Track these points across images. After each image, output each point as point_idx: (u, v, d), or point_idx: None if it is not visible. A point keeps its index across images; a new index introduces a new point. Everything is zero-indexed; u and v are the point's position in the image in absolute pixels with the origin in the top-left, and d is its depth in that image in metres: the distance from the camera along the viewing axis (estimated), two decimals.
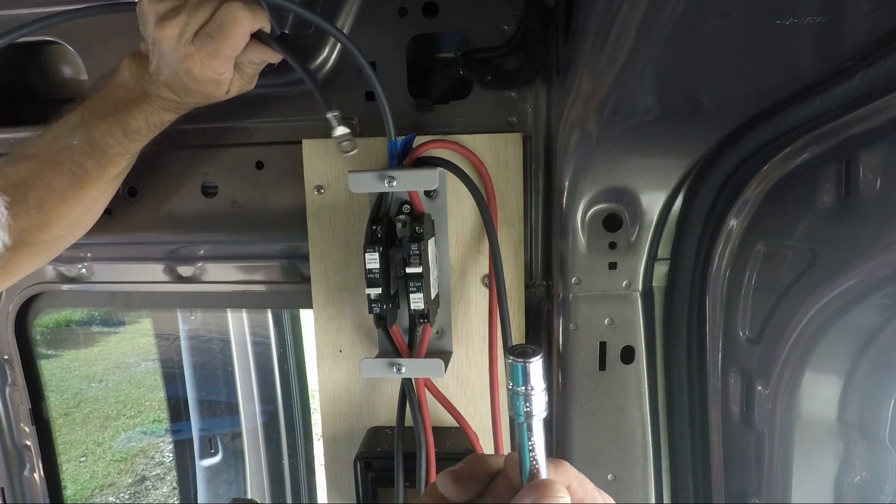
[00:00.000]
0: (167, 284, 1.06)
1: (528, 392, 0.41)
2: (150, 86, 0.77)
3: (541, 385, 0.41)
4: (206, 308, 1.73)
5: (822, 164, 0.68)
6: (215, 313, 1.78)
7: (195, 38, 0.70)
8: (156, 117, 0.80)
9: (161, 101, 0.78)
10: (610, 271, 0.82)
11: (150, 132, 0.81)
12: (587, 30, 0.58)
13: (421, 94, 0.90)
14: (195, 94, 0.76)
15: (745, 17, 0.46)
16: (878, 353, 0.71)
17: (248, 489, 1.82)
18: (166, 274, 1.06)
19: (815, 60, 0.55)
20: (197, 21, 0.69)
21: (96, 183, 0.81)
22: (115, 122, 0.78)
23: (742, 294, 0.78)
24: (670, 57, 0.53)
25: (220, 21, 0.69)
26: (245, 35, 0.71)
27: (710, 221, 0.79)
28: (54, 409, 1.25)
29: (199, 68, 0.72)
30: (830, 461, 0.76)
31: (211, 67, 0.72)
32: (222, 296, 1.05)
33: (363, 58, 0.77)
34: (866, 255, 0.63)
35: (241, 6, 0.69)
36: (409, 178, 0.80)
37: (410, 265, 0.78)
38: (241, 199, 0.98)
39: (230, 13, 0.69)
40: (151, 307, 1.30)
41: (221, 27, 0.69)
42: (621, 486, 0.86)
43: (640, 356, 0.84)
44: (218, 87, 0.76)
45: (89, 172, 0.79)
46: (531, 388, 0.41)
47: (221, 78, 0.75)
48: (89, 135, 0.78)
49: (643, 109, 0.64)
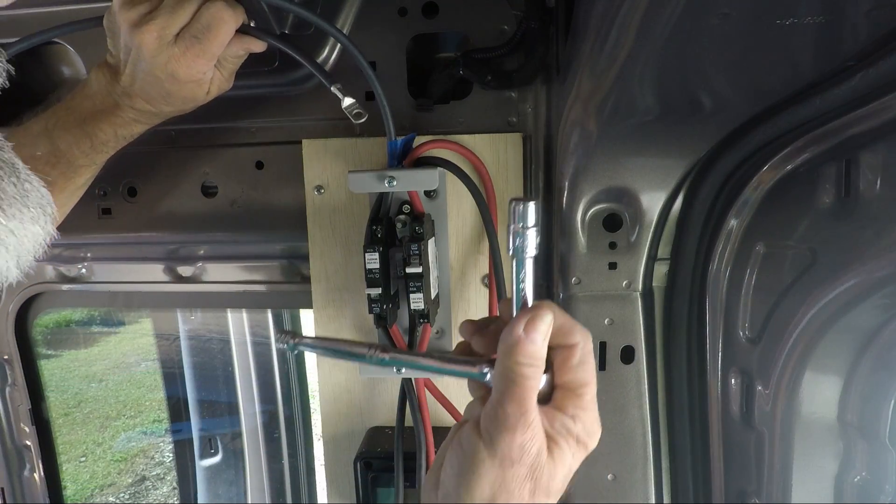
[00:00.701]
0: (167, 284, 1.06)
1: (522, 229, 0.47)
2: (121, 98, 0.75)
3: (532, 223, 0.47)
4: (206, 308, 1.73)
5: (822, 164, 0.68)
6: (215, 313, 1.78)
7: (178, 40, 0.70)
8: (126, 129, 0.78)
9: (133, 113, 0.77)
10: (610, 271, 0.82)
11: (119, 144, 0.80)
12: (587, 30, 0.58)
13: (421, 94, 0.90)
14: (175, 99, 0.75)
15: (745, 17, 0.46)
16: (878, 353, 0.71)
17: (248, 489, 1.82)
18: (166, 274, 1.06)
19: (815, 60, 0.55)
20: (177, 23, 0.69)
21: (60, 193, 0.79)
22: (83, 134, 0.76)
23: (742, 294, 0.78)
24: (670, 57, 0.52)
25: (205, 22, 0.69)
26: (231, 32, 0.72)
27: (710, 221, 0.79)
28: (54, 409, 1.25)
29: (185, 69, 0.71)
30: (830, 461, 0.76)
31: (197, 67, 0.72)
32: (222, 296, 1.05)
33: (363, 58, 0.77)
34: (866, 255, 0.63)
35: (223, 6, 0.70)
36: (409, 178, 0.80)
37: (410, 265, 0.78)
38: (241, 199, 0.98)
39: (216, 14, 0.69)
40: (151, 307, 1.30)
41: (209, 27, 0.69)
42: (621, 486, 0.86)
43: (640, 356, 0.84)
44: (199, 88, 0.76)
45: (53, 183, 0.76)
46: (524, 225, 0.47)
47: (204, 77, 0.74)
48: (54, 146, 0.76)
49: (643, 109, 0.64)
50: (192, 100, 0.77)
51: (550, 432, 0.47)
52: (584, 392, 0.48)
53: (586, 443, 0.49)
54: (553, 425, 0.47)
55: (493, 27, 0.85)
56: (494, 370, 0.48)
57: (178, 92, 0.74)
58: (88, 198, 1.01)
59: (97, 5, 0.88)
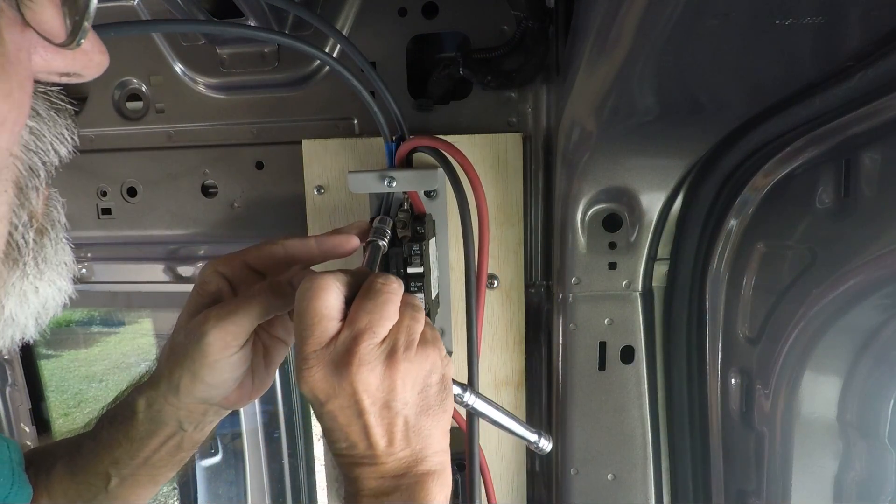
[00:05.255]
0: (167, 284, 1.06)
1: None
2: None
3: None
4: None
5: (822, 164, 0.68)
6: None
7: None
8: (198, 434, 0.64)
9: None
10: (610, 271, 0.82)
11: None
12: (587, 30, 0.58)
13: (421, 94, 0.90)
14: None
15: (745, 17, 0.46)
16: (877, 353, 0.71)
17: (248, 489, 1.82)
18: (166, 274, 1.06)
19: (814, 60, 0.55)
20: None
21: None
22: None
23: (742, 294, 0.78)
24: (670, 57, 0.52)
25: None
26: None
27: (710, 221, 0.79)
28: (54, 409, 1.26)
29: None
30: (830, 461, 0.76)
31: None
32: None
33: (364, 58, 0.77)
34: (865, 255, 0.63)
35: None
36: (409, 178, 0.80)
37: (411, 265, 0.78)
38: (240, 199, 0.98)
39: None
40: (151, 307, 1.30)
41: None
42: (621, 486, 0.86)
43: (640, 356, 0.84)
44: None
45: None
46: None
47: None
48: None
49: (643, 109, 0.64)
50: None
51: None
52: None
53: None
54: None
55: (493, 27, 0.85)
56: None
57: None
58: (88, 198, 1.02)
59: None
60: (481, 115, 0.89)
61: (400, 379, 0.50)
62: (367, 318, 0.50)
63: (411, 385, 0.51)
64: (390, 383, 0.49)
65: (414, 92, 0.89)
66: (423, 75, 0.90)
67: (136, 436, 0.59)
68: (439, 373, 0.53)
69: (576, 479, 0.86)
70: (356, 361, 0.48)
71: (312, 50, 0.71)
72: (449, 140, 0.77)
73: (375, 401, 0.49)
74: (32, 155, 0.36)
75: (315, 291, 0.50)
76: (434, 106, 0.89)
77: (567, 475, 0.87)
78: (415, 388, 0.51)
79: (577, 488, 0.87)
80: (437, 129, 0.89)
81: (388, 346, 0.50)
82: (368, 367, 0.49)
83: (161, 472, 0.62)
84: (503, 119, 0.88)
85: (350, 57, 0.77)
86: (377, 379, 0.49)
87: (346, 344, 0.49)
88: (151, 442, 0.59)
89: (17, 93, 0.31)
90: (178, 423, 0.59)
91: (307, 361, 0.49)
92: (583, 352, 0.84)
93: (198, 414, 0.60)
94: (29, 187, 0.36)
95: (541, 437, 0.66)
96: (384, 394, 0.50)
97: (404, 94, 0.89)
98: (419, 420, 0.52)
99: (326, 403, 0.49)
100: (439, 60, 0.91)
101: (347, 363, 0.48)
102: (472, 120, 0.89)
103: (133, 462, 0.60)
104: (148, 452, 0.60)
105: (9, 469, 0.57)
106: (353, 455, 0.51)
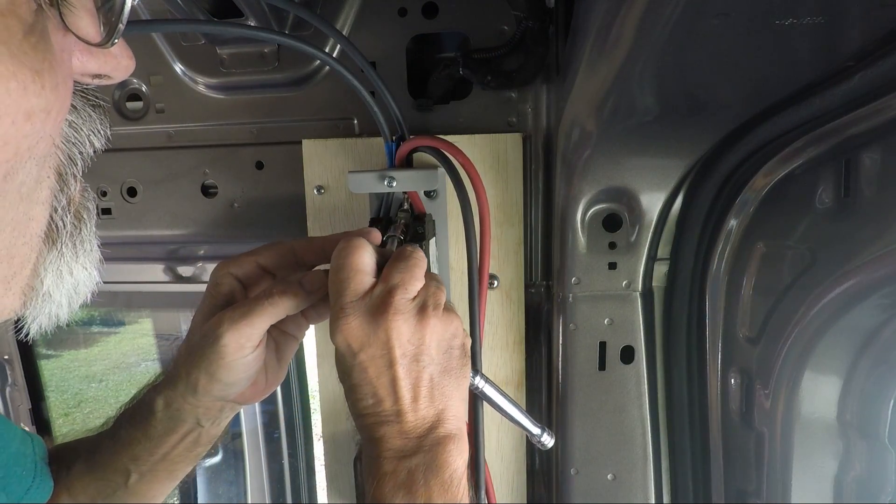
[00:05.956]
0: (167, 284, 1.06)
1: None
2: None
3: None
4: None
5: (822, 164, 0.68)
6: None
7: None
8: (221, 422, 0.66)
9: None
10: (610, 271, 0.82)
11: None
12: (587, 30, 0.58)
13: (421, 94, 0.90)
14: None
15: (745, 17, 0.46)
16: (877, 353, 0.71)
17: (248, 489, 1.82)
18: (166, 274, 1.06)
19: (814, 60, 0.55)
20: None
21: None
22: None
23: (742, 294, 0.78)
24: (670, 57, 0.53)
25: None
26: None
27: (710, 221, 0.79)
28: (54, 409, 1.26)
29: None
30: (830, 461, 0.76)
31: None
32: None
33: (364, 58, 0.77)
34: (865, 255, 0.63)
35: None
36: (410, 178, 0.80)
37: None
38: (241, 199, 0.98)
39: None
40: (151, 307, 1.30)
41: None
42: (621, 486, 0.86)
43: (640, 356, 0.84)
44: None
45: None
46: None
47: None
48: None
49: (643, 109, 0.64)
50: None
51: None
52: None
53: None
54: None
55: (493, 27, 0.85)
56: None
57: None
58: None
59: None
60: (481, 115, 0.89)
61: (429, 334, 0.54)
62: (399, 276, 0.54)
63: (437, 343, 0.55)
64: (420, 336, 0.53)
65: (414, 92, 0.89)
66: (423, 75, 0.90)
67: (155, 433, 0.61)
68: (461, 339, 0.57)
69: (576, 478, 0.86)
70: (392, 310, 0.52)
71: (312, 50, 0.71)
72: (449, 140, 0.77)
73: (406, 352, 0.53)
74: (71, 146, 0.39)
75: (352, 249, 0.55)
76: (434, 106, 0.89)
77: (567, 475, 0.87)
78: (440, 347, 0.55)
79: (577, 488, 0.87)
80: (437, 129, 0.89)
81: (420, 303, 0.54)
82: (402, 316, 0.53)
83: (179, 466, 0.65)
84: (503, 119, 0.88)
85: (350, 57, 0.77)
86: (409, 330, 0.53)
87: (382, 296, 0.53)
88: (170, 439, 0.62)
89: (61, 87, 0.35)
90: (195, 420, 0.61)
91: (344, 310, 0.53)
92: (583, 352, 0.84)
93: (214, 411, 0.62)
94: (68, 174, 0.40)
95: (544, 431, 0.68)
96: (414, 347, 0.53)
97: (404, 94, 0.89)
98: (442, 379, 0.55)
99: (359, 353, 0.53)
100: (439, 60, 0.91)
101: (384, 311, 0.52)
102: (472, 120, 0.89)
103: (152, 458, 0.62)
104: (166, 448, 0.62)
105: (31, 462, 0.60)
106: (378, 413, 0.53)
